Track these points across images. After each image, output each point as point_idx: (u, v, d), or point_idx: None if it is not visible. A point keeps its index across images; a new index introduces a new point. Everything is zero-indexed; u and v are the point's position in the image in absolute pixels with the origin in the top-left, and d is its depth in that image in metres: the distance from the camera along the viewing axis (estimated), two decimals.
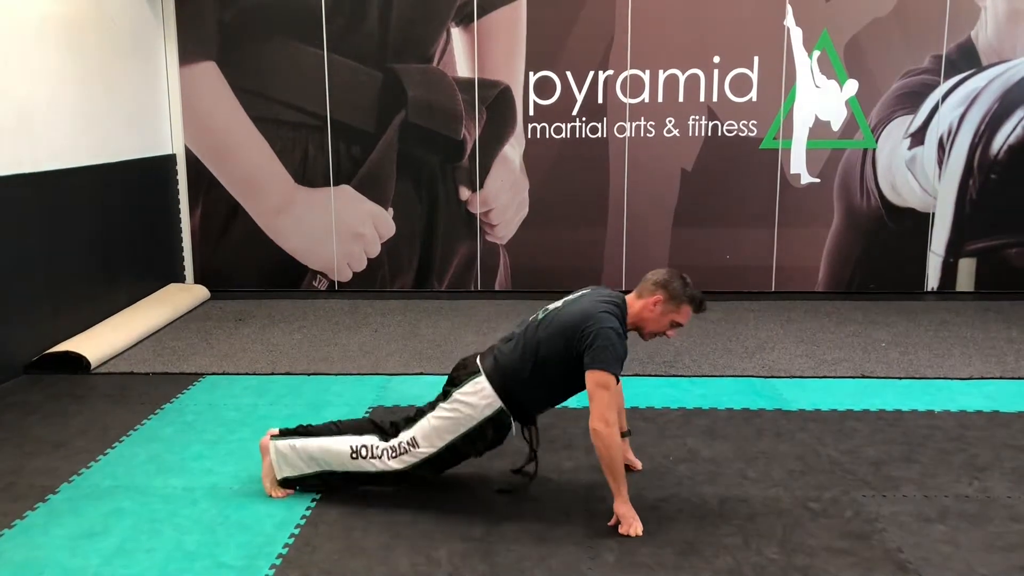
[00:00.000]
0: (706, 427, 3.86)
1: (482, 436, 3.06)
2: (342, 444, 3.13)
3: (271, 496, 3.20)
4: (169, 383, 4.49)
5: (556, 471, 3.41)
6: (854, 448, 3.62)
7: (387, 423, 3.20)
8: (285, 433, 3.24)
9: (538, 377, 3.00)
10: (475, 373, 3.07)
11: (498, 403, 3.02)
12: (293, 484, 3.22)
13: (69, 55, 5.13)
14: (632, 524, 2.93)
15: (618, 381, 2.95)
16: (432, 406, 3.12)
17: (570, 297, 3.13)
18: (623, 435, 3.25)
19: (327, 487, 3.20)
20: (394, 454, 3.09)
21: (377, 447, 3.10)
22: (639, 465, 3.41)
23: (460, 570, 2.72)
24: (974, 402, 4.16)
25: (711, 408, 4.10)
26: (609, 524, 2.96)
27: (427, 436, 3.07)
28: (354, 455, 3.11)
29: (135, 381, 4.55)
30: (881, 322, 5.63)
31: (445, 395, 3.11)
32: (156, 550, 2.85)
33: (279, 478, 3.21)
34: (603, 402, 2.86)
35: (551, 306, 3.13)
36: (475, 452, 3.13)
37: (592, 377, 2.87)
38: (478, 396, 3.03)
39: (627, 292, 3.13)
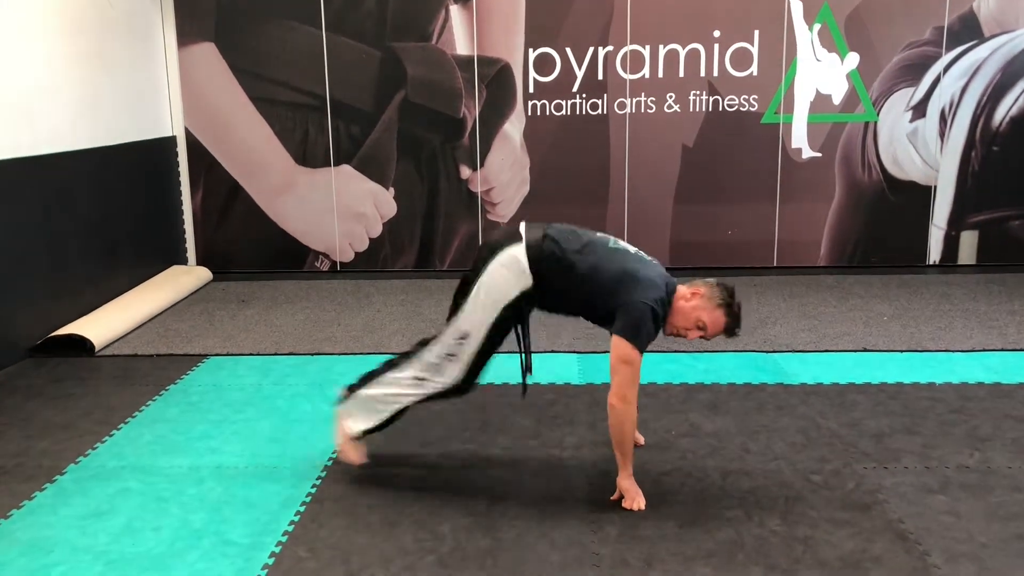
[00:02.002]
0: (708, 402, 3.87)
1: (514, 309, 2.95)
2: (406, 373, 3.06)
3: (352, 463, 3.17)
4: (173, 365, 4.51)
5: (559, 447, 3.43)
6: (855, 421, 3.63)
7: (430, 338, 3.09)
8: (352, 389, 3.18)
9: (579, 280, 2.90)
10: (517, 240, 2.93)
11: (529, 280, 2.90)
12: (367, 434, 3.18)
13: (67, 37, 5.11)
14: (635, 499, 2.95)
15: (642, 351, 2.89)
16: (468, 286, 2.97)
17: (641, 252, 3.06)
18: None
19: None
20: (448, 358, 2.98)
21: (436, 361, 3.00)
22: (642, 441, 3.42)
23: (464, 545, 2.75)
24: (975, 374, 4.17)
25: (713, 383, 4.11)
26: (612, 499, 2.98)
27: (474, 317, 2.93)
28: (416, 383, 3.04)
29: (139, 363, 4.57)
30: (883, 296, 5.64)
31: (483, 262, 2.95)
32: (163, 528, 2.88)
33: (359, 431, 3.16)
34: (625, 378, 2.86)
35: (622, 242, 3.07)
36: (506, 332, 2.99)
37: (616, 347, 2.85)
38: (516, 267, 2.90)
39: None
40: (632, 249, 3.07)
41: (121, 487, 3.17)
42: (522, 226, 3.01)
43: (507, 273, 2.93)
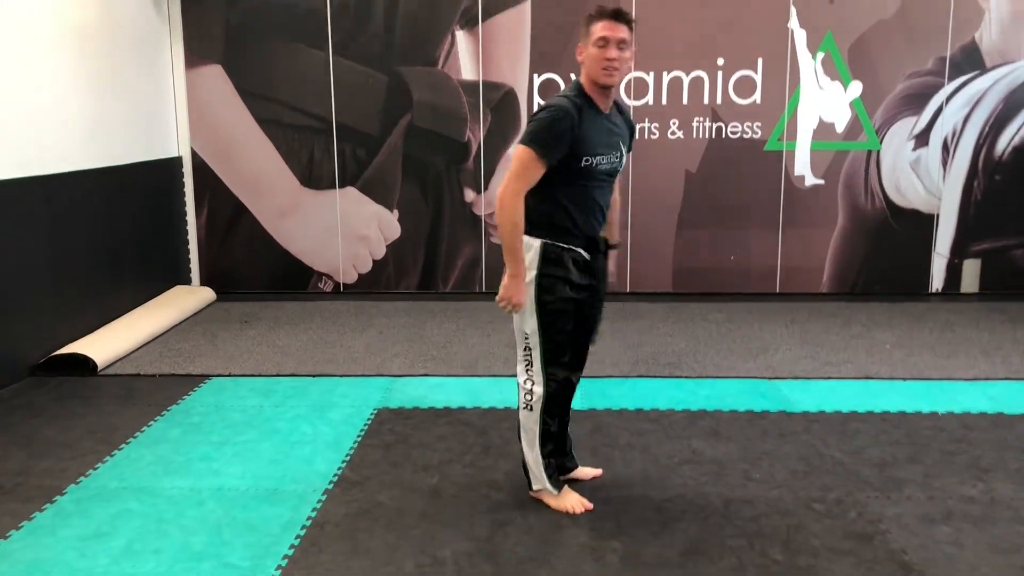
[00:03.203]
0: (710, 428, 3.87)
1: (548, 280, 2.94)
2: (520, 416, 3.10)
3: (576, 512, 3.09)
4: (175, 385, 4.51)
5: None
6: (858, 449, 3.62)
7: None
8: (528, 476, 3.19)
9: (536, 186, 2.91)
10: None
11: (535, 241, 2.93)
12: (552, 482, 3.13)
13: (77, 59, 5.15)
14: (512, 297, 2.89)
15: (542, 158, 2.84)
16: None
17: None
18: (611, 246, 3.17)
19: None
20: (527, 365, 3.03)
21: (525, 380, 3.05)
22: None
23: (465, 571, 2.74)
24: (978, 403, 4.16)
25: (715, 409, 4.10)
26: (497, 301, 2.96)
27: (528, 319, 2.98)
28: (526, 406, 3.06)
29: (142, 383, 4.57)
30: (885, 323, 5.64)
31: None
32: (163, 551, 2.87)
33: (538, 487, 3.14)
34: (512, 172, 2.85)
35: None
36: (563, 307, 2.97)
37: (515, 152, 2.87)
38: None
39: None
40: None
41: (122, 508, 3.16)
42: None
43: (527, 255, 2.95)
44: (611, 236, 3.21)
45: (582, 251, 3.00)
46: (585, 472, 3.34)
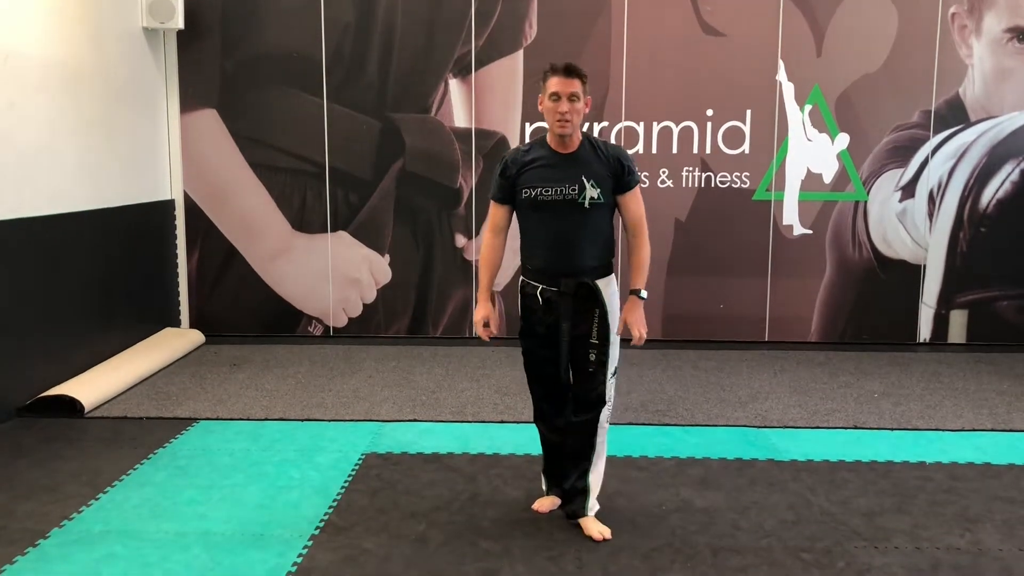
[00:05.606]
0: (699, 477, 3.86)
1: (520, 316, 3.28)
2: None
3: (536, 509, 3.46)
4: (163, 427, 4.49)
5: (548, 520, 3.40)
6: (846, 499, 3.62)
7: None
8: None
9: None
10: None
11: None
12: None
13: (71, 101, 5.20)
14: (477, 326, 3.30)
15: (493, 199, 3.30)
16: None
17: None
18: (633, 292, 3.53)
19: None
20: None
21: None
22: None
23: None
24: (965, 454, 4.17)
25: (704, 457, 4.10)
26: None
27: None
28: None
29: (128, 425, 4.54)
30: (874, 373, 5.66)
31: None
32: None
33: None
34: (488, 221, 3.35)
35: None
36: (525, 338, 3.29)
37: None
38: None
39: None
40: None
41: (106, 552, 3.13)
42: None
43: None
44: (632, 281, 3.46)
45: (542, 286, 3.20)
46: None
